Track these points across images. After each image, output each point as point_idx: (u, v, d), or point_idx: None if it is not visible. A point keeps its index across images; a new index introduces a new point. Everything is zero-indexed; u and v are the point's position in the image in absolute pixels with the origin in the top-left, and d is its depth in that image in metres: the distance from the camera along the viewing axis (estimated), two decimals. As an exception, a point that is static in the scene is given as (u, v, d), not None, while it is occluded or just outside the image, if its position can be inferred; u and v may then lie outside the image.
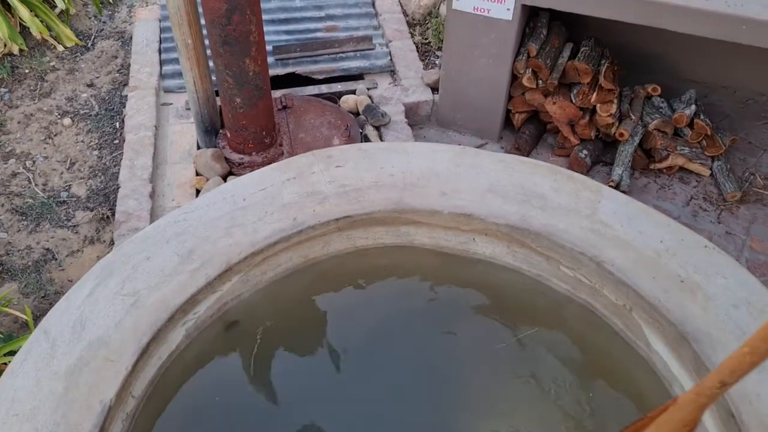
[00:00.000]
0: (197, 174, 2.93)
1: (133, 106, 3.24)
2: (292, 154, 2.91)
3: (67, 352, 1.40)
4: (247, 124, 2.80)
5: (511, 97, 3.23)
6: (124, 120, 3.25)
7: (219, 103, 2.92)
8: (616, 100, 3.03)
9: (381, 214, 1.75)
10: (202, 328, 1.61)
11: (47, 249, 2.78)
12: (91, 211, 2.94)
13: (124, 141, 3.07)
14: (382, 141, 3.15)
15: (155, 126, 3.14)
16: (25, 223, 2.88)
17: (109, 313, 1.47)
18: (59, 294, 2.58)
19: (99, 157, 3.20)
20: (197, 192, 2.84)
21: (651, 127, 3.09)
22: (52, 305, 1.49)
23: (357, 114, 3.31)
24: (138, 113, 3.20)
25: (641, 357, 1.61)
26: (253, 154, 2.90)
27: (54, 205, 2.96)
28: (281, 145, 2.98)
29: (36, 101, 3.48)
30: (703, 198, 3.02)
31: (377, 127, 3.22)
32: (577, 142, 3.14)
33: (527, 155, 3.18)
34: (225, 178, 2.88)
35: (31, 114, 3.40)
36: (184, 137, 3.14)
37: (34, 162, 3.16)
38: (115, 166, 3.13)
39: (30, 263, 2.72)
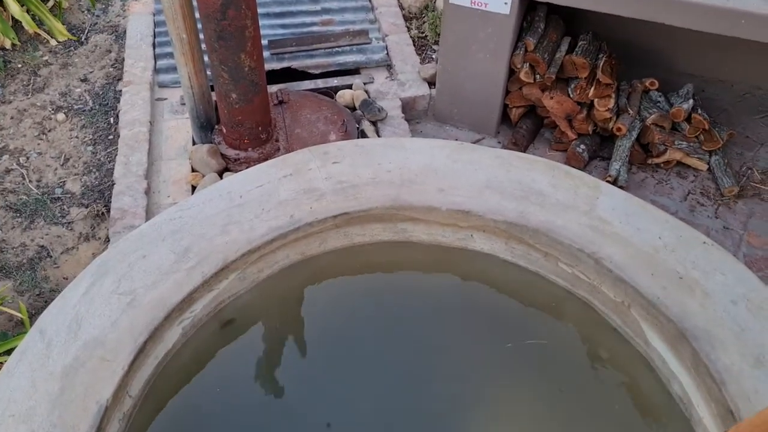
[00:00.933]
0: (193, 170, 2.91)
1: (127, 101, 3.22)
2: (289, 150, 2.89)
3: (62, 352, 1.38)
4: (243, 120, 2.78)
5: (508, 92, 3.22)
6: (118, 115, 3.22)
7: (214, 98, 2.90)
8: (613, 95, 3.02)
9: (378, 210, 1.74)
10: (199, 326, 1.60)
11: (42, 246, 2.76)
12: (86, 207, 2.92)
13: (119, 137, 3.05)
14: (378, 136, 3.14)
15: (150, 121, 3.12)
16: (19, 220, 2.86)
17: (105, 313, 1.46)
18: (54, 292, 2.57)
19: (93, 153, 3.17)
20: (193, 188, 2.83)
21: (648, 121, 3.08)
22: (47, 303, 1.48)
23: (353, 109, 3.29)
24: (132, 108, 3.17)
25: (640, 354, 1.61)
26: (249, 149, 2.88)
27: (48, 201, 2.94)
28: (277, 141, 2.96)
29: (29, 96, 3.45)
30: (701, 193, 3.02)
31: (374, 122, 3.20)
32: (575, 137, 3.13)
33: (524, 150, 3.18)
34: (221, 174, 2.86)
35: (25, 109, 3.37)
36: (180, 133, 3.12)
37: (28, 158, 3.14)
38: (109, 162, 3.11)
39: (24, 261, 2.70)
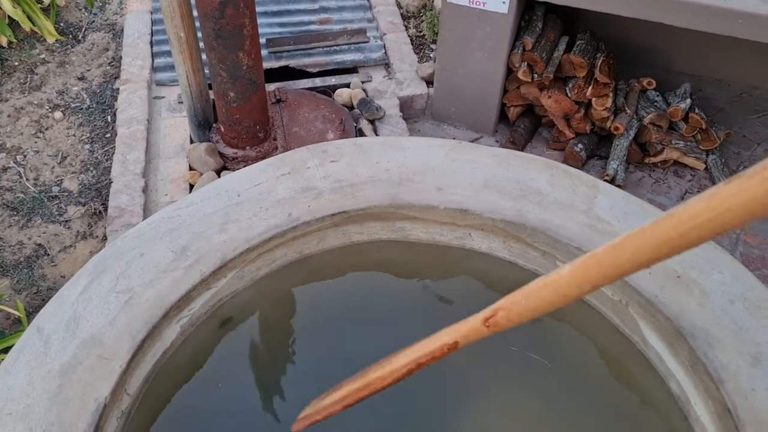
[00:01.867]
0: (190, 169, 2.91)
1: (124, 100, 3.21)
2: (287, 149, 2.89)
3: (60, 350, 1.38)
4: (240, 118, 2.78)
5: (506, 91, 3.22)
6: (115, 114, 3.22)
7: (212, 96, 2.90)
8: (611, 94, 3.02)
9: (377, 209, 1.74)
10: (197, 324, 1.60)
11: (39, 245, 2.76)
12: (83, 206, 2.91)
13: (116, 135, 3.04)
14: (376, 135, 3.14)
15: (147, 120, 3.12)
16: (16, 218, 2.85)
17: (103, 311, 1.45)
18: (52, 290, 2.56)
19: (91, 152, 3.17)
20: (191, 187, 2.83)
21: (646, 120, 3.08)
22: (44, 301, 1.48)
23: (351, 107, 3.29)
24: (130, 107, 3.17)
25: (637, 352, 1.61)
26: (247, 148, 2.88)
27: (45, 200, 2.93)
28: (275, 140, 2.96)
29: (26, 94, 3.45)
30: (698, 192, 3.02)
31: (372, 121, 3.21)
32: (573, 136, 3.14)
33: (522, 149, 3.18)
34: (219, 173, 2.86)
35: (22, 107, 3.37)
36: (177, 131, 3.12)
37: (25, 156, 3.13)
38: (107, 161, 3.10)
39: (22, 259, 2.70)
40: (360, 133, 3.12)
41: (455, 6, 2.97)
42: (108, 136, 3.24)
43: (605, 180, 2.93)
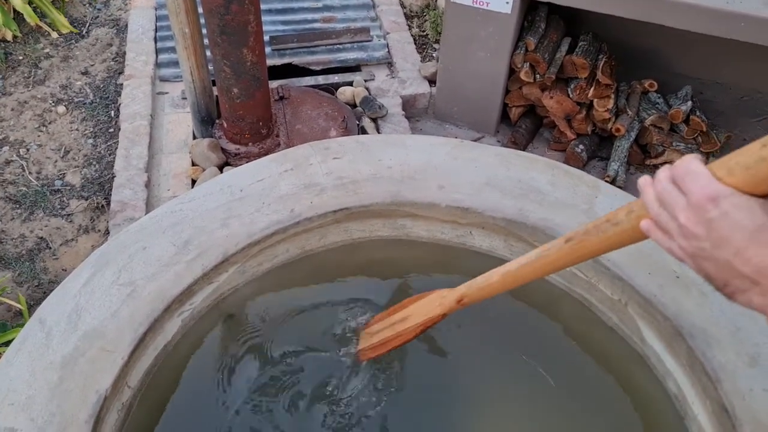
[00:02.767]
0: (193, 164, 2.92)
1: (128, 95, 3.22)
2: (289, 145, 2.90)
3: (62, 342, 1.39)
4: (244, 115, 2.79)
5: (508, 91, 3.23)
6: (119, 109, 3.23)
7: (215, 92, 2.90)
8: (613, 95, 3.03)
9: (378, 206, 1.75)
10: (198, 318, 1.61)
11: (41, 238, 2.77)
12: (86, 200, 2.92)
13: (119, 130, 3.05)
14: (379, 133, 3.15)
15: (151, 115, 3.13)
16: (18, 211, 2.86)
17: (105, 303, 1.46)
18: (53, 283, 2.57)
19: (94, 146, 3.18)
20: (193, 182, 2.83)
21: (647, 122, 3.09)
22: (46, 294, 1.49)
23: (354, 106, 3.30)
24: (133, 102, 3.18)
25: (636, 352, 1.62)
26: (250, 144, 2.89)
27: (48, 193, 2.94)
28: (278, 136, 2.97)
29: (30, 88, 3.46)
30: (698, 194, 3.03)
31: (374, 119, 3.21)
32: (574, 137, 3.15)
33: (524, 149, 3.19)
34: (221, 169, 2.87)
35: (25, 101, 3.38)
36: (180, 127, 3.13)
37: (28, 150, 3.14)
38: (110, 155, 3.11)
39: (24, 252, 2.71)
40: (362, 131, 3.13)
41: (458, 6, 2.98)
42: (111, 130, 3.25)
43: (606, 181, 2.93)
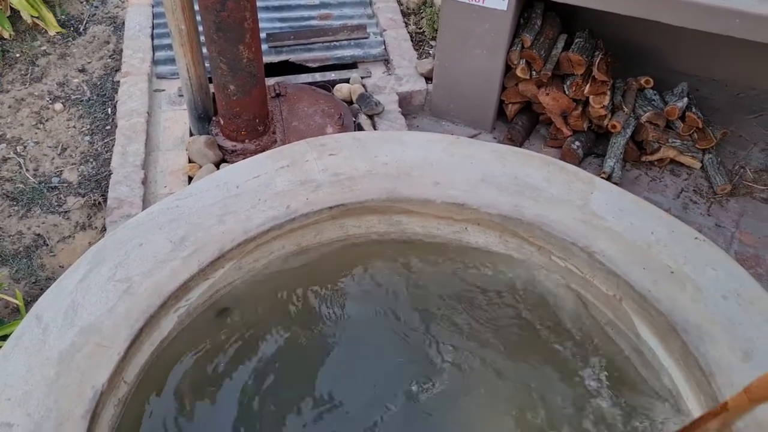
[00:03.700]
0: (190, 161, 2.92)
1: (125, 92, 3.22)
2: (285, 142, 2.90)
3: (59, 337, 1.39)
4: (240, 112, 2.79)
5: (504, 88, 3.23)
6: (116, 106, 3.23)
7: (212, 89, 2.91)
8: (609, 92, 3.04)
9: (374, 202, 1.76)
10: (195, 314, 1.61)
11: (38, 235, 2.77)
12: (83, 197, 2.92)
13: (116, 127, 3.05)
14: (375, 130, 3.15)
15: (148, 112, 3.13)
16: (15, 208, 2.86)
17: (101, 299, 1.47)
18: (50, 280, 2.58)
19: (91, 143, 3.18)
20: (190, 179, 2.84)
21: (643, 119, 3.10)
22: (43, 291, 1.49)
23: (350, 103, 3.30)
24: (130, 99, 3.18)
25: (630, 347, 1.63)
26: (246, 141, 2.89)
27: (45, 190, 2.94)
28: (274, 133, 2.97)
29: (27, 86, 3.45)
30: (694, 191, 3.04)
31: (371, 116, 3.22)
32: (570, 134, 3.15)
33: (520, 146, 3.19)
34: (218, 166, 2.87)
35: (22, 99, 3.38)
36: (177, 124, 3.13)
37: (25, 147, 3.14)
38: (107, 152, 3.11)
39: (21, 249, 2.71)
40: (359, 128, 3.13)
41: (455, 3, 2.98)
42: (108, 128, 3.25)
43: (602, 177, 2.94)
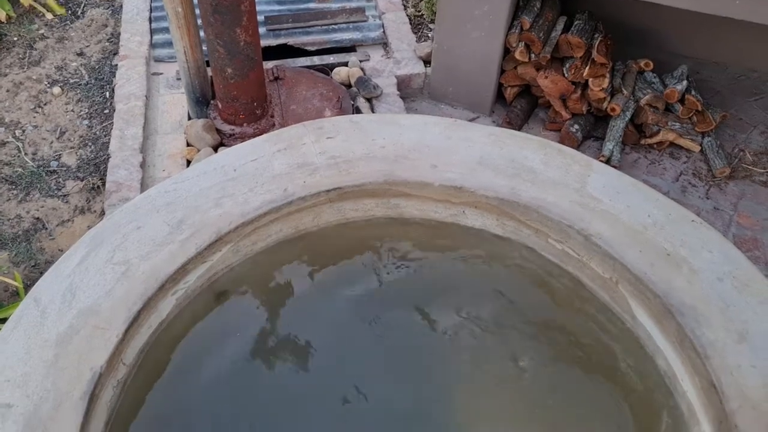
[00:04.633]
0: (188, 145, 2.91)
1: (123, 76, 3.21)
2: (284, 126, 2.89)
3: (57, 320, 1.40)
4: (238, 95, 2.78)
5: (503, 71, 3.22)
6: (114, 89, 3.22)
7: (210, 73, 2.90)
8: (608, 75, 3.02)
9: (371, 186, 1.76)
10: (192, 297, 1.62)
11: (37, 218, 2.77)
12: (82, 180, 2.93)
13: (114, 111, 3.05)
14: (373, 113, 3.14)
15: (146, 96, 3.12)
16: (14, 192, 2.87)
17: (99, 282, 1.47)
18: (50, 263, 2.58)
19: (89, 127, 3.18)
20: (188, 163, 2.84)
21: (643, 102, 3.09)
22: (42, 274, 1.50)
23: (349, 86, 3.30)
24: (128, 83, 3.17)
25: (626, 329, 1.64)
26: (245, 125, 2.89)
27: (44, 174, 2.95)
28: (272, 117, 2.97)
29: (25, 69, 3.44)
30: (693, 174, 3.04)
31: (369, 100, 3.21)
32: (569, 117, 3.14)
33: (519, 129, 3.19)
34: (216, 149, 2.87)
35: (20, 82, 3.37)
36: (175, 108, 3.12)
37: (24, 131, 3.14)
38: (105, 136, 3.11)
39: (20, 232, 2.71)
40: (357, 112, 3.13)
41: (454, -15, 2.96)
42: (106, 111, 3.24)
43: (601, 161, 2.94)
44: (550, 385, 1.62)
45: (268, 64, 3.20)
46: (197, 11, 2.66)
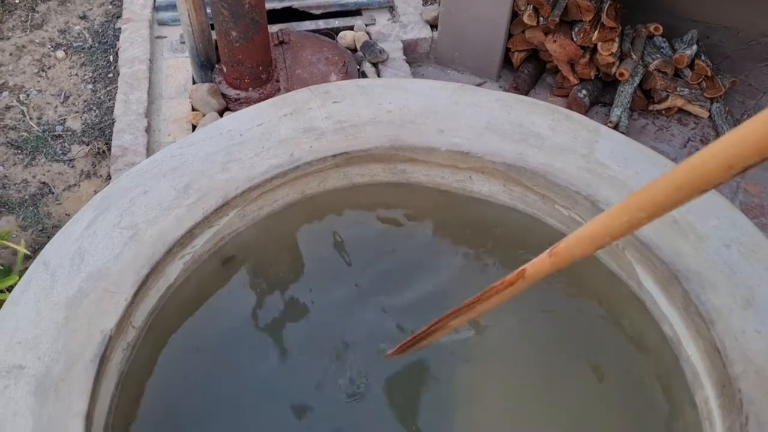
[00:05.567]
0: (193, 109, 2.90)
1: (126, 39, 3.19)
2: (289, 90, 2.87)
3: (66, 283, 1.41)
4: (243, 59, 2.76)
5: (510, 35, 3.18)
6: (117, 53, 3.20)
7: (214, 36, 2.87)
8: (617, 39, 2.99)
9: (378, 150, 1.75)
10: (200, 261, 1.63)
11: (44, 183, 2.78)
12: (87, 145, 2.92)
13: (119, 75, 3.03)
14: (379, 78, 3.12)
15: (149, 60, 3.10)
16: (20, 156, 2.87)
17: (107, 246, 1.48)
18: (57, 228, 2.59)
19: (93, 91, 3.16)
20: (193, 127, 2.83)
21: (651, 67, 3.06)
22: (50, 239, 1.51)
23: (354, 50, 3.26)
24: (132, 46, 3.14)
25: (632, 295, 1.64)
26: (250, 89, 2.87)
27: (49, 138, 2.94)
28: (278, 81, 2.95)
29: (27, 33, 3.42)
30: (701, 140, 3.02)
31: (375, 64, 3.18)
32: (577, 82, 3.12)
33: (525, 95, 3.16)
34: (221, 114, 2.85)
35: (23, 46, 3.34)
36: (180, 72, 3.10)
37: (28, 95, 3.12)
38: (109, 101, 3.10)
39: (27, 197, 2.72)
40: (363, 76, 3.10)
41: (462, -54, 2.91)
42: (110, 75, 3.22)
43: (608, 126, 2.92)
44: (553, 351, 1.63)
45: (273, 28, 3.17)
46: (201, -27, 2.63)
